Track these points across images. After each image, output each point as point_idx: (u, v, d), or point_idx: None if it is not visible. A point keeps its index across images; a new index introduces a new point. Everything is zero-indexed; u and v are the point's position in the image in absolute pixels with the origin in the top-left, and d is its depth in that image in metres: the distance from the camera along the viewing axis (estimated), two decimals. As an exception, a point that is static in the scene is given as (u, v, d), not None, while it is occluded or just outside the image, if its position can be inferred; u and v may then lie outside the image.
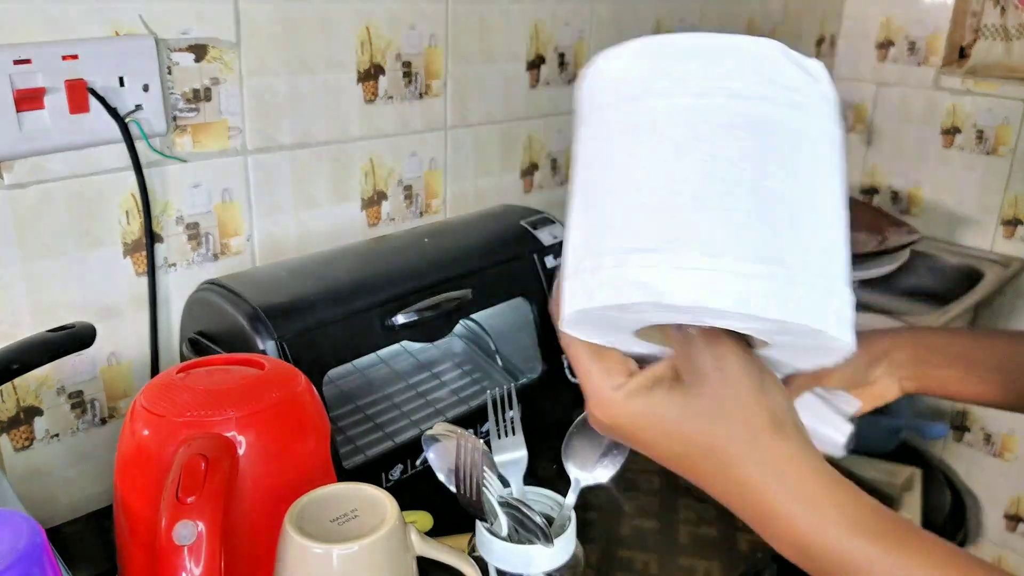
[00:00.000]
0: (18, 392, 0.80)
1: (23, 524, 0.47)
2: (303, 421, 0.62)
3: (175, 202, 0.86)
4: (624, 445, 0.57)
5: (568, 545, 0.67)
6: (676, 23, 1.38)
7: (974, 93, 1.65)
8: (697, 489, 0.47)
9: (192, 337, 0.79)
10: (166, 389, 0.60)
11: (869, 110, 1.80)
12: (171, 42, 0.82)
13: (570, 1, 1.19)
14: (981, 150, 1.67)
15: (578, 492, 0.70)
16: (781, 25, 1.63)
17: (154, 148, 0.83)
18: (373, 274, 0.83)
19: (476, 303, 0.87)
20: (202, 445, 0.55)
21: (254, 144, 0.91)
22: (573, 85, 1.23)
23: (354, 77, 0.97)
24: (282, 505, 0.56)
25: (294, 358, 0.73)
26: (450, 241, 0.92)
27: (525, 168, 1.22)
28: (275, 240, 0.96)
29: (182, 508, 0.52)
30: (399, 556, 0.55)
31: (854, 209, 1.59)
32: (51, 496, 0.85)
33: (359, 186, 1.02)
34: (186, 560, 0.52)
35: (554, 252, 0.95)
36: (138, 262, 0.85)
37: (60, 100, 0.75)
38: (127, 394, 0.88)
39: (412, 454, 0.82)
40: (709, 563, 0.80)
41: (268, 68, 0.89)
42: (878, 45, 1.76)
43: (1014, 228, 1.65)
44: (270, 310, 0.74)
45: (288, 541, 0.53)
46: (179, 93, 0.83)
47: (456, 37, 1.06)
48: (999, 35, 1.65)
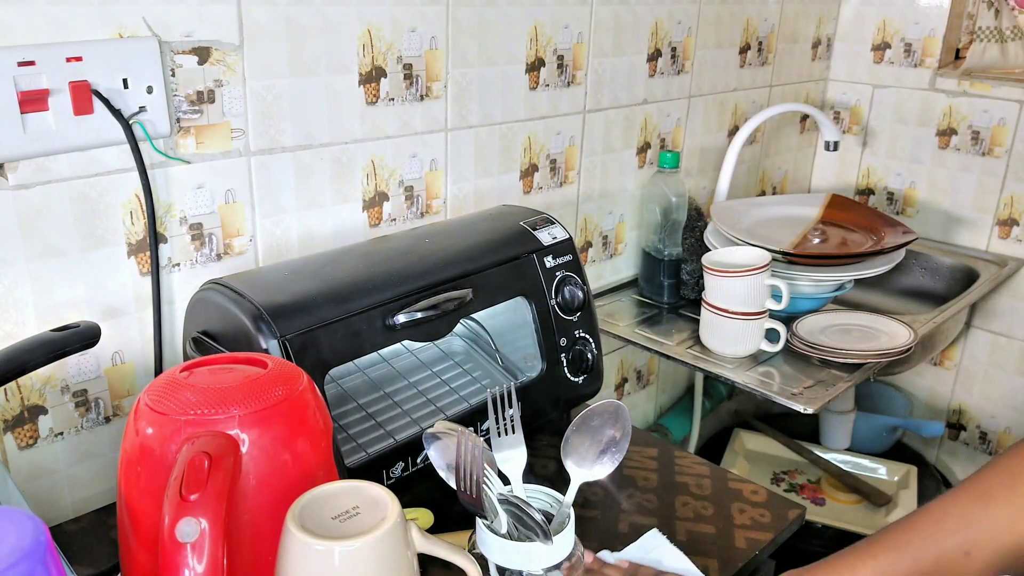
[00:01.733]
0: (22, 391, 0.81)
1: (27, 522, 0.47)
2: (305, 419, 0.62)
3: (179, 203, 0.87)
4: (622, 443, 0.69)
5: (567, 542, 0.67)
6: (674, 26, 1.39)
7: (970, 94, 1.66)
8: (695, 486, 0.49)
9: (196, 336, 0.79)
10: (170, 388, 0.61)
11: (865, 112, 1.81)
12: (174, 44, 0.82)
13: (569, 4, 1.19)
14: (977, 151, 1.67)
15: (577, 489, 0.70)
16: (778, 28, 1.64)
17: (158, 149, 0.83)
18: (374, 274, 0.83)
19: (476, 303, 0.88)
20: (205, 443, 0.56)
21: (257, 146, 0.91)
22: (572, 87, 1.24)
23: (356, 79, 0.98)
24: (284, 503, 0.56)
25: (296, 357, 0.74)
26: (451, 241, 0.92)
27: (525, 169, 1.22)
28: (278, 240, 0.96)
29: (185, 505, 0.53)
30: (400, 553, 0.56)
31: (851, 210, 1.60)
32: (55, 494, 0.86)
33: (361, 187, 1.03)
34: (189, 557, 0.52)
35: (553, 252, 0.96)
36: (142, 262, 0.86)
37: (64, 102, 0.75)
38: (131, 393, 0.88)
39: (413, 452, 0.83)
40: (707, 560, 0.80)
41: (271, 70, 0.90)
42: (874, 47, 1.77)
43: (1010, 228, 1.66)
44: (273, 310, 0.75)
45: (290, 538, 0.54)
46: (182, 95, 0.84)
47: (456, 40, 1.07)
48: (994, 37, 1.65)
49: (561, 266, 0.96)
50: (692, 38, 1.43)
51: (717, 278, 1.18)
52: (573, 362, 0.96)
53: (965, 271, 1.62)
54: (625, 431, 0.72)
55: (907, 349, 1.19)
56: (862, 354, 1.18)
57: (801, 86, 1.77)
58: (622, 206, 1.43)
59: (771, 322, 1.19)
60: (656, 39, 1.36)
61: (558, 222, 0.99)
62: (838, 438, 1.65)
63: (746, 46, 1.57)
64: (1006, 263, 1.63)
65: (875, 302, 1.64)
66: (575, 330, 0.96)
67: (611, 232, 1.43)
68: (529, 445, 0.73)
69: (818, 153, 1.90)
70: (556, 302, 0.95)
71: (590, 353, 0.97)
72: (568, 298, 0.95)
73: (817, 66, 1.80)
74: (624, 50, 1.31)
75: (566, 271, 0.96)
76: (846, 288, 1.33)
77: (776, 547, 0.85)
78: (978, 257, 1.67)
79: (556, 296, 0.95)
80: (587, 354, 0.97)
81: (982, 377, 1.76)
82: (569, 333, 0.96)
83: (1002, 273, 1.59)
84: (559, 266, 0.96)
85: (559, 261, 0.96)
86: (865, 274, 1.28)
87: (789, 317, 1.26)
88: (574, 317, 0.96)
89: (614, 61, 1.30)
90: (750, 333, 1.18)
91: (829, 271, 1.28)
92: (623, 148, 1.38)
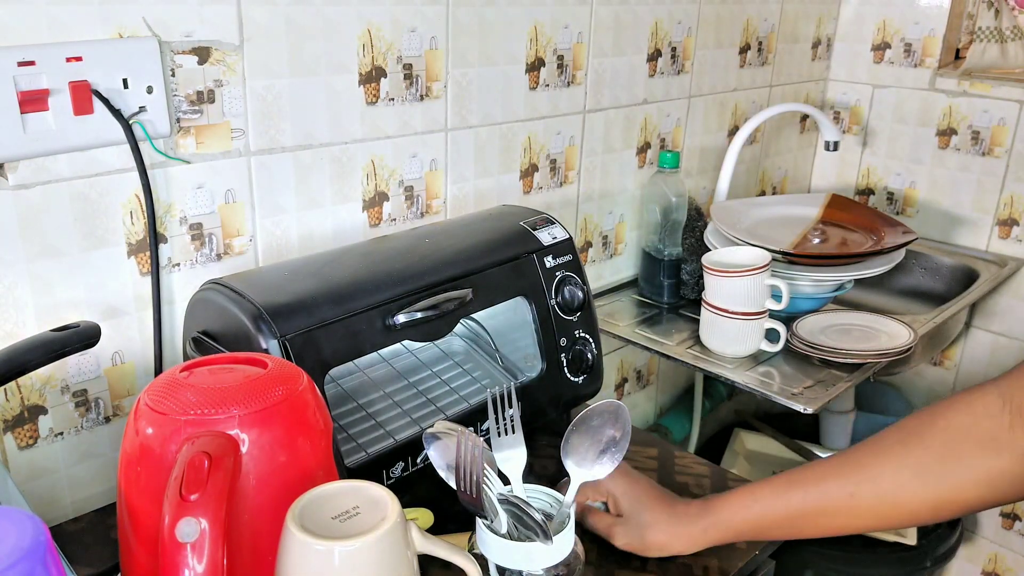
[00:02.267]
0: (23, 391, 0.81)
1: (27, 522, 0.47)
2: (305, 419, 0.62)
3: (179, 203, 0.87)
4: (622, 443, 0.72)
5: (567, 542, 0.67)
6: (675, 26, 1.39)
7: (969, 95, 1.66)
8: (695, 486, 0.51)
9: (196, 336, 0.79)
10: (169, 388, 0.61)
11: (865, 112, 1.81)
12: (174, 44, 0.82)
13: (569, 4, 1.19)
14: (976, 151, 1.68)
15: (577, 489, 0.71)
16: (778, 28, 1.64)
17: (158, 149, 0.83)
18: (374, 274, 0.83)
19: (476, 303, 0.88)
20: (205, 443, 0.56)
21: (257, 146, 0.91)
22: (572, 87, 1.24)
23: (356, 79, 0.98)
24: (284, 503, 0.56)
25: (297, 357, 0.74)
26: (451, 241, 0.92)
27: (525, 169, 1.22)
28: (278, 240, 0.96)
29: (185, 506, 0.53)
30: (400, 553, 0.56)
31: (851, 210, 1.59)
32: (55, 494, 0.86)
33: (361, 187, 1.03)
34: (189, 557, 0.52)
35: (553, 252, 0.96)
36: (142, 262, 0.86)
37: (64, 102, 0.75)
38: (131, 393, 0.88)
39: (413, 452, 0.83)
40: (707, 560, 0.80)
41: (271, 70, 0.90)
42: (874, 47, 1.77)
43: (1010, 228, 1.66)
44: (273, 310, 0.75)
45: (290, 538, 0.54)
46: (182, 95, 0.84)
47: (456, 40, 1.07)
48: (994, 37, 1.66)
49: (561, 266, 0.96)
50: (692, 38, 1.43)
51: (717, 278, 1.18)
52: (573, 362, 0.96)
53: (965, 271, 1.62)
54: (625, 431, 0.72)
55: (907, 349, 1.19)
56: (862, 354, 1.18)
57: (801, 86, 1.77)
58: (622, 206, 1.43)
59: (771, 322, 1.20)
60: (656, 39, 1.36)
61: (558, 222, 0.99)
62: (838, 438, 1.65)
63: (746, 46, 1.57)
64: (1006, 263, 1.63)
65: (875, 302, 1.64)
66: (575, 330, 0.96)
67: (611, 232, 1.43)
68: (529, 445, 0.73)
69: (818, 153, 1.90)
70: (556, 302, 0.95)
71: (590, 353, 0.97)
72: (568, 298, 0.95)
73: (817, 66, 1.80)
74: (624, 50, 1.31)
75: (566, 271, 0.96)
76: (846, 288, 1.33)
77: (776, 547, 0.85)
78: (978, 257, 1.67)
79: (556, 296, 0.95)
80: (587, 354, 0.97)
81: (982, 377, 1.76)
82: (569, 333, 0.96)
83: (1002, 273, 1.59)
84: (559, 266, 0.96)
85: (559, 261, 0.96)
86: (865, 274, 1.28)
87: (789, 317, 1.26)
88: (574, 317, 0.96)
89: (614, 61, 1.30)
90: (750, 333, 1.18)
91: (829, 271, 1.28)
92: (623, 148, 1.38)
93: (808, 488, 0.74)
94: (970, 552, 1.84)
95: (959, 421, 0.68)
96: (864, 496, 0.70)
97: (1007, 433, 0.65)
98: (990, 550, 1.82)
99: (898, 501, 0.70)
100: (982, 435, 0.66)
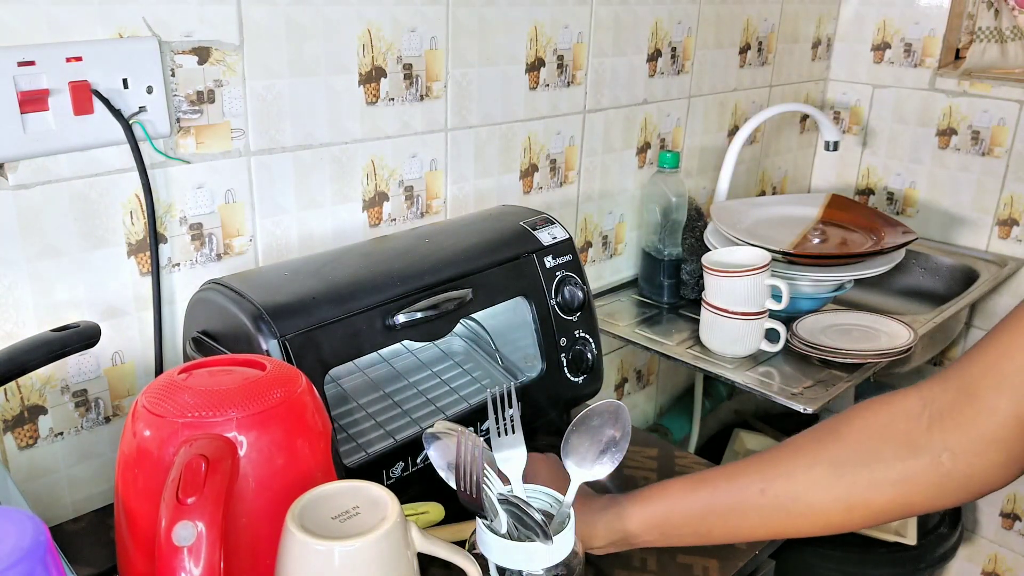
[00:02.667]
0: (22, 391, 0.81)
1: (27, 522, 0.47)
2: (304, 422, 0.62)
3: (179, 203, 0.87)
4: (622, 443, 0.72)
5: (567, 542, 0.67)
6: (675, 26, 1.39)
7: (969, 95, 1.66)
8: None
9: (196, 336, 0.79)
10: (167, 390, 0.60)
11: (865, 112, 1.81)
12: (174, 44, 0.82)
13: (569, 4, 1.19)
14: (976, 151, 1.68)
15: (577, 489, 0.70)
16: (778, 28, 1.64)
17: (158, 149, 0.83)
18: (374, 274, 0.84)
19: (476, 303, 0.88)
20: (203, 446, 0.56)
21: (257, 146, 0.91)
22: (572, 87, 1.23)
23: (356, 79, 0.98)
24: (283, 506, 0.56)
25: (297, 357, 0.74)
26: (451, 241, 0.92)
27: (525, 169, 1.22)
28: (278, 240, 0.96)
29: (182, 509, 0.53)
30: (400, 553, 0.56)
31: (851, 209, 1.59)
32: (55, 494, 0.86)
33: (361, 187, 1.03)
34: (186, 561, 0.52)
35: (553, 252, 0.96)
36: (142, 262, 0.86)
37: (64, 102, 0.75)
38: (131, 393, 0.88)
39: (413, 452, 0.83)
40: (707, 561, 0.80)
41: (271, 70, 0.90)
42: (874, 47, 1.77)
43: (1010, 228, 1.66)
44: (273, 310, 0.75)
45: (290, 538, 0.54)
46: (182, 95, 0.84)
47: (456, 40, 1.07)
48: (994, 37, 1.66)
49: (561, 266, 0.96)
50: (692, 38, 1.43)
51: (717, 278, 1.18)
52: (573, 362, 0.96)
53: (965, 271, 1.62)
54: (625, 431, 0.71)
55: (907, 349, 1.19)
56: (862, 354, 1.18)
57: (801, 86, 1.77)
58: (622, 206, 1.43)
59: (771, 322, 1.19)
60: (656, 39, 1.36)
61: (558, 222, 0.99)
62: (838, 438, 1.64)
63: (746, 46, 1.57)
64: (1006, 263, 1.63)
65: (875, 302, 1.64)
66: (575, 330, 0.96)
67: (611, 232, 1.43)
68: (529, 445, 0.73)
69: (818, 153, 1.90)
70: (556, 302, 0.95)
71: (590, 353, 0.97)
72: (568, 298, 0.95)
73: (817, 66, 1.80)
74: (624, 50, 1.31)
75: (566, 271, 0.96)
76: (846, 288, 1.33)
77: (776, 547, 0.85)
78: (978, 257, 1.67)
79: (556, 296, 0.95)
80: (587, 354, 0.97)
81: (982, 377, 1.76)
82: (569, 333, 0.96)
83: (1002, 273, 1.59)
84: (559, 266, 0.96)
85: (559, 261, 0.96)
86: (865, 274, 1.28)
87: (789, 317, 1.26)
88: (574, 317, 0.96)
89: (614, 61, 1.30)
90: (750, 333, 1.18)
91: (829, 271, 1.28)
92: (623, 148, 1.38)
93: (719, 484, 0.72)
94: (970, 552, 1.84)
95: (877, 420, 0.67)
96: (776, 494, 0.69)
97: (924, 435, 0.64)
98: (990, 550, 1.82)
99: (811, 500, 0.68)
100: (899, 435, 0.65)
